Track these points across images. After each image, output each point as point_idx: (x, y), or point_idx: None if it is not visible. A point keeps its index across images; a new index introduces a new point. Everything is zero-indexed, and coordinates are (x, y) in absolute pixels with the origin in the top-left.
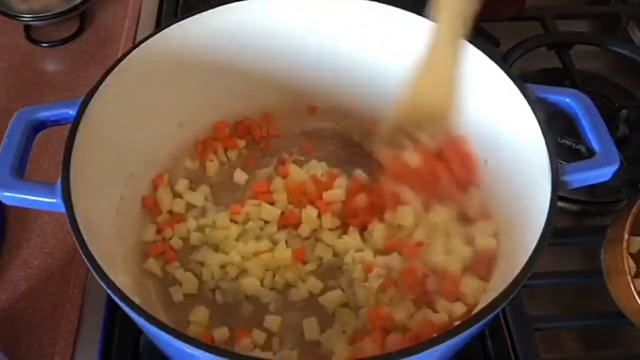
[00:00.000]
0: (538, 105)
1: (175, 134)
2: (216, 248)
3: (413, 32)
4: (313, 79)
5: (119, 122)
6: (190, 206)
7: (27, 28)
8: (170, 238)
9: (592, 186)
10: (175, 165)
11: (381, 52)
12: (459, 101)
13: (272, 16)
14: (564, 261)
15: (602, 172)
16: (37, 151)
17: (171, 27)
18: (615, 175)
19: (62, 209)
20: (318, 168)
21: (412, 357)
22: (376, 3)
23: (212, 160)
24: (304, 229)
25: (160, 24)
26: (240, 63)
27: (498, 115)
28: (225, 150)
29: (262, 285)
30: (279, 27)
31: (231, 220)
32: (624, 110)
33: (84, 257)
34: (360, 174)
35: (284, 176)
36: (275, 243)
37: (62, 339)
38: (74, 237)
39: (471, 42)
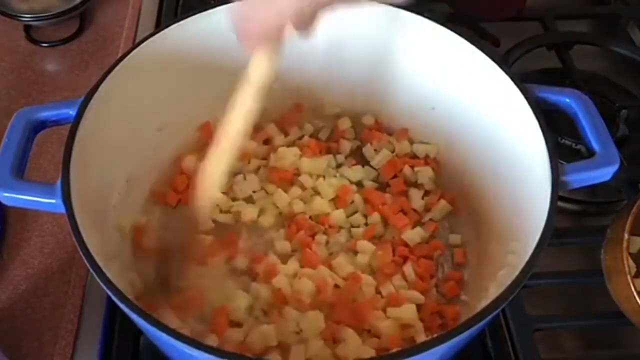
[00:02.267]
0: (538, 105)
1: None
2: None
3: (414, 31)
4: (313, 78)
5: (119, 122)
6: None
7: (27, 28)
8: None
9: (592, 186)
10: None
11: (382, 52)
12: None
13: None
14: (564, 261)
15: (602, 172)
16: (37, 151)
17: (171, 27)
18: (615, 175)
19: (62, 210)
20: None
21: (412, 357)
22: (376, 3)
23: None
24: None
25: (160, 24)
26: (240, 63)
27: (498, 116)
28: None
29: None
30: None
31: None
32: (624, 110)
33: (83, 257)
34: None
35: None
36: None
37: (62, 339)
38: (73, 237)
39: (471, 42)
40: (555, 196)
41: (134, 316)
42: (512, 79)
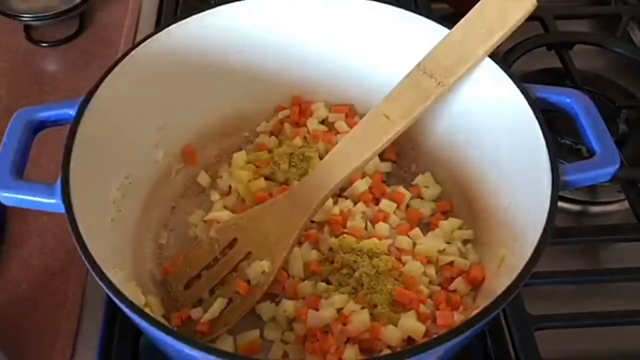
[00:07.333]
0: (538, 105)
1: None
2: None
3: (415, 32)
4: (314, 79)
5: (118, 122)
6: None
7: (27, 28)
8: None
9: (592, 186)
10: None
11: (382, 53)
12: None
13: (273, 16)
14: (564, 261)
15: (602, 172)
16: (37, 151)
17: (171, 27)
18: (615, 175)
19: (62, 210)
20: None
21: (412, 357)
22: (377, 3)
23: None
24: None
25: (160, 24)
26: (240, 63)
27: (498, 116)
28: None
29: None
30: (279, 27)
31: None
32: (624, 110)
33: (83, 257)
34: None
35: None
36: None
37: (62, 339)
38: (73, 237)
39: None
40: (556, 196)
41: (133, 317)
42: (512, 79)
